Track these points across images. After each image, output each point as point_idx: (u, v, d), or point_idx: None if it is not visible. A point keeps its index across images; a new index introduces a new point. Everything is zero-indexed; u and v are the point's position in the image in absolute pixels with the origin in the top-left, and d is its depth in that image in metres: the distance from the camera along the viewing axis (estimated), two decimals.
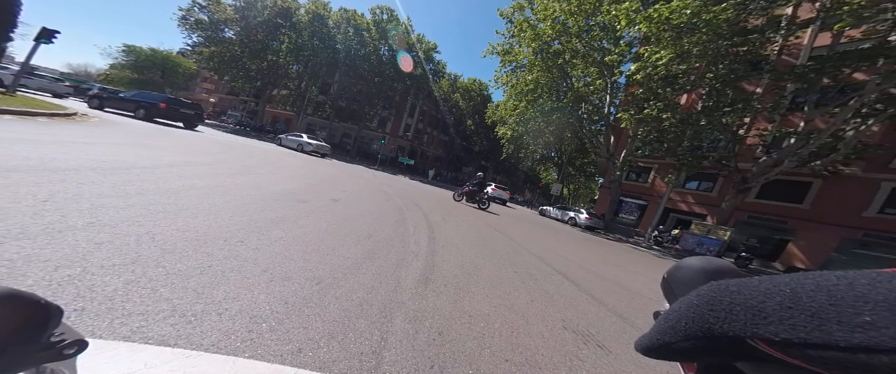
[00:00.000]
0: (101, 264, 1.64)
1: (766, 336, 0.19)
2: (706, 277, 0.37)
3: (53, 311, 0.29)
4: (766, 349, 0.19)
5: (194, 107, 13.45)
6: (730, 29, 9.68)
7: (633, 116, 12.50)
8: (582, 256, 6.47)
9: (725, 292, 0.23)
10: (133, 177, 3.50)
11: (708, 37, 9.71)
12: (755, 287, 0.22)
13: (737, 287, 0.23)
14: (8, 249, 1.56)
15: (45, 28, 8.75)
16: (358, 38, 29.61)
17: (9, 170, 2.75)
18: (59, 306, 0.30)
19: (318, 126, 36.56)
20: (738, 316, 0.21)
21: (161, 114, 12.10)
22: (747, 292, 0.22)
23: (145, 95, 12.41)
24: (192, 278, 1.74)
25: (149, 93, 12.87)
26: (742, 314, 0.21)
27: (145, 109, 11.84)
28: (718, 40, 9.91)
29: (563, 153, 30.51)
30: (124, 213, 2.41)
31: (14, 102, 6.73)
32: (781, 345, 0.18)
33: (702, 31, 9.56)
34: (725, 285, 0.24)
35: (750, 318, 0.20)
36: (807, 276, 0.20)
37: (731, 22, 9.47)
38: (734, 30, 9.86)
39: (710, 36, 9.68)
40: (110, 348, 1.07)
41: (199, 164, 5.53)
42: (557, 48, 15.15)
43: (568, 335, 2.37)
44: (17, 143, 3.88)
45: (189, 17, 26.63)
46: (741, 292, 0.22)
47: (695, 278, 0.37)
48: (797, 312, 0.18)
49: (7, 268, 1.41)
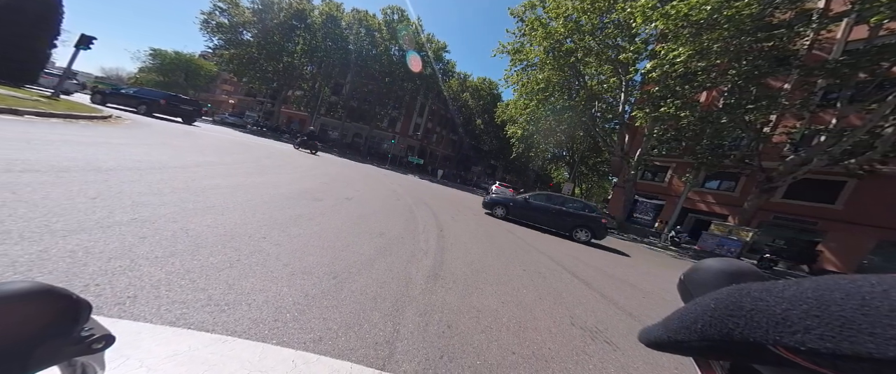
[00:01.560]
0: (145, 256, 1.83)
1: (790, 345, 0.18)
2: (726, 279, 0.36)
3: (83, 306, 0.29)
4: (790, 356, 0.18)
5: (192, 103, 14.18)
6: (754, 24, 9.23)
7: (648, 115, 12.14)
8: (593, 255, 6.41)
9: (747, 297, 0.22)
10: (166, 176, 3.78)
11: (730, 33, 9.30)
12: (779, 293, 0.21)
13: (759, 293, 0.22)
14: (70, 241, 1.77)
15: (83, 35, 9.31)
16: (369, 39, 30.07)
17: (61, 170, 3.05)
18: (88, 301, 0.30)
19: (331, 126, 37.45)
20: (760, 323, 0.20)
21: (161, 109, 12.72)
22: (770, 299, 0.21)
23: (146, 92, 13.11)
24: (223, 270, 1.90)
25: (150, 90, 13.64)
26: (764, 321, 0.20)
27: (147, 105, 12.46)
28: (741, 36, 9.47)
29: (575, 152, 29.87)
30: (161, 210, 2.64)
31: (59, 106, 7.32)
32: (807, 354, 0.17)
33: (723, 28, 9.16)
34: (747, 290, 0.23)
35: (773, 326, 0.19)
36: (837, 281, 0.19)
37: (755, 17, 9.03)
38: (758, 25, 9.39)
39: (732, 32, 9.26)
40: (159, 332, 1.23)
41: (221, 163, 5.88)
42: (570, 46, 14.86)
43: (576, 331, 2.42)
44: (65, 144, 4.25)
45: (210, 21, 27.83)
46: (764, 298, 0.21)
47: (714, 279, 0.36)
48: (825, 320, 0.17)
49: (71, 259, 1.61)
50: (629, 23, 12.44)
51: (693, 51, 9.75)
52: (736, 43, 9.71)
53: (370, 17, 30.72)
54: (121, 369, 0.98)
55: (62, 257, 1.60)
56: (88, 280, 1.47)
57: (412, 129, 39.91)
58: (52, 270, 1.47)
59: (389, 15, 30.50)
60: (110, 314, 1.29)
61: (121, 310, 1.33)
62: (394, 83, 31.55)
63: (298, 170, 7.94)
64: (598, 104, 16.79)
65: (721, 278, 0.36)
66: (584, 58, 14.96)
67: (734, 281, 0.36)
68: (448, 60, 34.87)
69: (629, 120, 15.27)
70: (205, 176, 4.35)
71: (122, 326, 1.21)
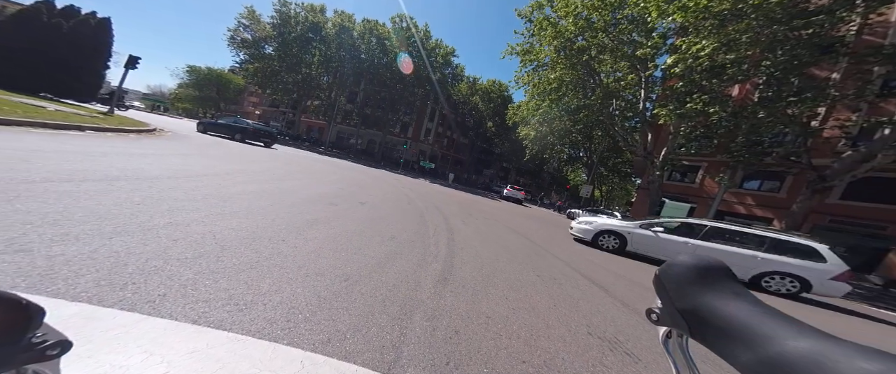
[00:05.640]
0: (177, 257, 2.00)
1: None
2: (697, 274, 0.39)
3: (34, 311, 0.28)
4: None
5: (270, 133, 16.09)
6: (786, 13, 8.45)
7: (673, 112, 11.43)
8: (614, 261, 6.11)
9: None
10: (199, 184, 4.10)
11: (760, 22, 8.59)
12: None
13: None
14: (116, 242, 1.98)
15: (131, 56, 10.34)
16: (380, 47, 31.06)
17: (113, 179, 3.41)
18: (40, 306, 0.29)
19: (347, 133, 38.90)
20: None
21: (251, 136, 14.82)
22: None
23: (241, 122, 15.07)
24: (243, 271, 2.03)
25: (243, 120, 15.37)
26: None
27: (241, 133, 14.55)
28: (773, 25, 8.71)
29: (594, 153, 28.74)
30: (193, 215, 2.87)
31: (113, 122, 8.21)
32: None
33: (750, 17, 8.48)
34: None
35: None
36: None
37: (787, 5, 8.28)
38: (792, 13, 8.58)
39: (761, 21, 8.56)
40: (182, 329, 1.33)
41: (248, 171, 6.30)
42: (582, 44, 14.42)
43: (593, 341, 2.31)
44: (117, 155, 4.75)
45: (236, 37, 30.13)
46: None
47: (686, 275, 0.39)
48: None
49: (115, 259, 1.79)
50: (644, 18, 11.85)
51: (718, 43, 9.09)
52: (767, 32, 8.93)
53: (380, 26, 31.71)
54: (145, 363, 1.08)
55: (108, 257, 1.78)
56: (127, 279, 1.62)
57: (423, 134, 40.57)
58: (98, 269, 1.65)
59: (398, 23, 31.35)
60: (143, 310, 1.42)
61: (151, 307, 1.46)
62: (405, 90, 32.37)
63: (316, 176, 8.30)
64: (616, 102, 16.08)
65: (693, 274, 0.38)
66: (597, 55, 14.44)
67: (705, 277, 0.39)
68: (457, 64, 35.25)
69: (652, 118, 14.47)
70: (232, 183, 4.67)
71: (151, 323, 1.33)
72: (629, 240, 6.96)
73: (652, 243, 6.82)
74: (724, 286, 0.38)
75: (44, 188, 2.65)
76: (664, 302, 0.42)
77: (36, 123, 5.49)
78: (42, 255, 1.65)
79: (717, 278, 0.39)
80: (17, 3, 21.99)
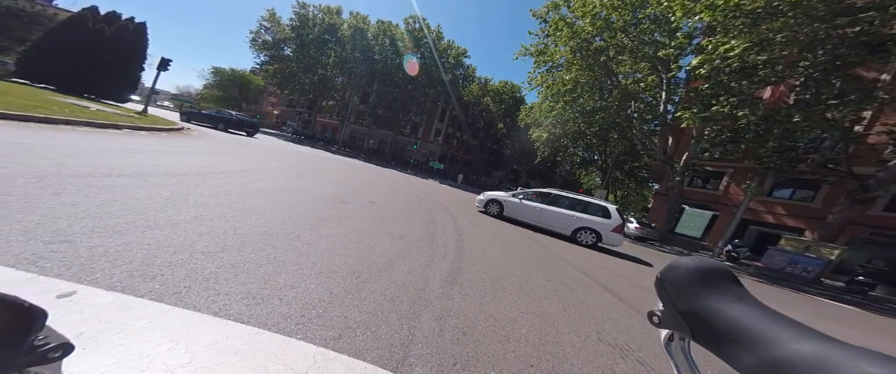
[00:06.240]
0: (201, 250, 2.12)
1: None
2: (699, 277, 0.39)
3: (36, 314, 0.28)
4: None
5: (253, 123, 17.09)
6: (829, 10, 7.85)
7: (696, 115, 10.92)
8: (629, 268, 5.91)
9: None
10: (222, 180, 4.31)
11: (798, 20, 8.03)
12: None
13: None
14: (147, 235, 2.12)
15: (163, 58, 10.96)
16: (393, 48, 31.45)
17: (146, 175, 3.65)
18: (43, 309, 0.29)
19: (360, 133, 39.74)
20: None
21: (233, 126, 15.79)
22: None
23: (224, 113, 16.05)
24: (261, 266, 2.13)
25: (226, 111, 16.48)
26: None
27: (224, 123, 15.42)
28: (814, 24, 8.11)
29: (609, 156, 27.82)
30: (216, 210, 3.02)
31: (146, 121, 8.77)
32: None
33: (787, 16, 7.95)
34: None
35: None
36: None
37: (831, 1, 7.69)
38: (836, 10, 7.96)
39: (800, 19, 7.99)
40: (204, 320, 1.42)
41: (267, 169, 6.56)
42: (599, 45, 14.01)
43: (603, 348, 2.26)
44: (149, 153, 5.08)
45: (257, 39, 31.39)
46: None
47: (689, 278, 0.39)
48: None
49: (146, 251, 1.93)
50: (667, 17, 11.37)
51: (749, 43, 8.59)
52: (806, 31, 8.33)
53: (394, 27, 32.15)
54: (171, 352, 1.16)
55: (140, 249, 1.92)
56: (156, 271, 1.74)
57: (433, 134, 40.80)
58: (131, 260, 1.78)
59: (411, 24, 31.66)
60: (170, 301, 1.52)
61: (177, 298, 1.56)
62: (417, 90, 32.70)
63: (329, 174, 8.54)
64: (635, 104, 15.52)
65: (694, 277, 0.38)
66: (616, 56, 13.99)
67: (706, 279, 0.39)
68: (468, 65, 35.23)
69: (673, 121, 13.86)
70: (252, 180, 4.89)
71: (176, 313, 1.42)
72: (505, 206, 8.44)
73: (518, 207, 8.34)
74: (727, 289, 0.38)
75: (86, 183, 2.88)
76: (666, 305, 0.42)
77: (81, 122, 5.96)
78: (84, 246, 1.80)
79: (719, 281, 0.39)
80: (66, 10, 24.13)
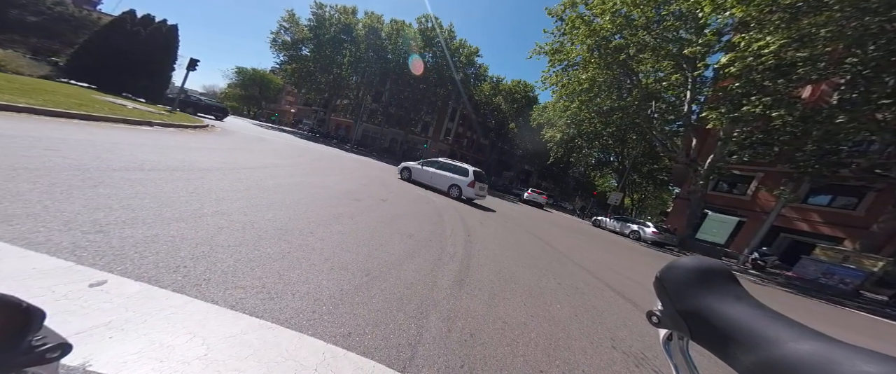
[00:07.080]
0: (221, 244, 2.21)
1: None
2: (698, 277, 0.39)
3: (34, 314, 0.28)
4: None
5: (222, 109, 18.53)
6: (882, 2, 7.13)
7: (725, 115, 10.26)
8: (644, 274, 5.68)
9: None
10: (242, 176, 4.50)
11: (846, 14, 7.35)
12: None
13: None
14: (172, 228, 2.24)
15: (191, 58, 11.56)
16: (406, 47, 31.62)
17: (173, 169, 3.87)
18: (41, 309, 0.28)
19: (372, 132, 40.41)
20: None
21: (202, 110, 16.93)
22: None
23: (195, 100, 17.71)
24: (276, 261, 2.20)
25: (203, 99, 18.26)
26: None
27: (193, 107, 16.60)
28: (864, 17, 7.41)
29: (626, 157, 26.78)
30: (236, 205, 3.15)
31: (176, 118, 9.29)
32: None
33: (833, 9, 7.30)
34: None
35: None
36: None
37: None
38: (891, 2, 7.22)
39: (848, 12, 7.31)
40: (221, 313, 1.48)
41: (284, 165, 6.79)
42: (619, 43, 13.42)
43: (617, 356, 2.19)
44: (177, 148, 5.37)
45: (277, 39, 32.44)
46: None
47: (687, 277, 0.39)
48: None
49: (171, 243, 2.04)
50: (695, 13, 10.74)
51: (787, 39, 7.96)
52: (855, 25, 7.62)
53: (407, 26, 32.29)
54: (189, 344, 1.22)
55: (166, 241, 2.03)
56: (179, 263, 1.84)
57: (444, 134, 40.91)
58: (158, 251, 1.88)
59: (424, 23, 31.69)
60: (190, 293, 1.60)
61: (198, 291, 1.64)
62: (428, 89, 32.80)
63: (342, 172, 8.74)
64: (656, 104, 14.80)
65: (694, 277, 0.38)
66: (636, 54, 13.37)
67: (706, 279, 0.39)
68: (480, 64, 34.96)
69: (698, 121, 13.14)
70: (270, 176, 5.07)
71: (196, 306, 1.49)
72: (412, 172, 10.94)
73: (419, 172, 10.81)
74: (726, 289, 0.38)
75: (121, 176, 3.08)
76: (665, 304, 0.42)
77: (118, 119, 6.39)
78: (116, 236, 1.92)
79: (718, 281, 0.39)
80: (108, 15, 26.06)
